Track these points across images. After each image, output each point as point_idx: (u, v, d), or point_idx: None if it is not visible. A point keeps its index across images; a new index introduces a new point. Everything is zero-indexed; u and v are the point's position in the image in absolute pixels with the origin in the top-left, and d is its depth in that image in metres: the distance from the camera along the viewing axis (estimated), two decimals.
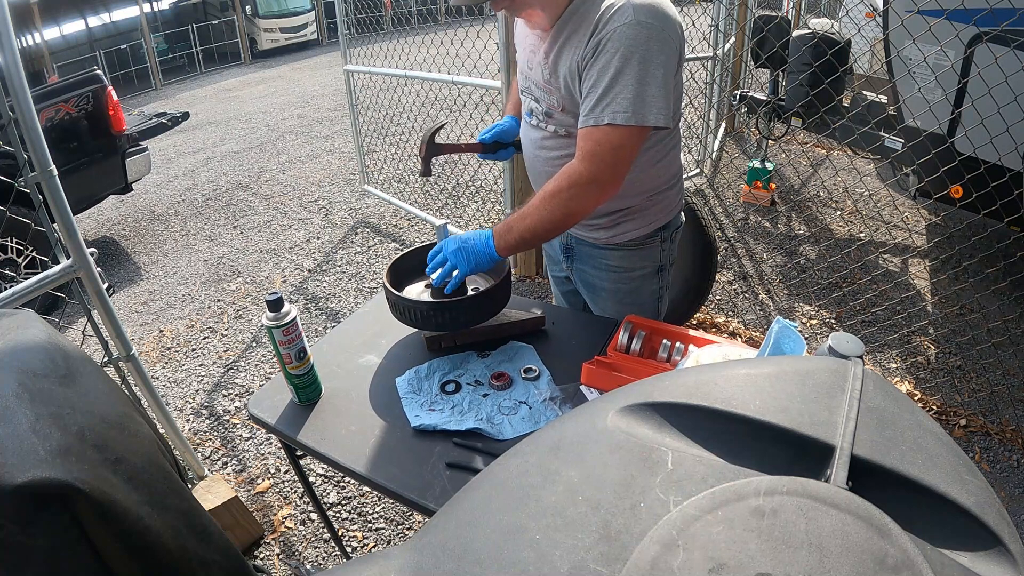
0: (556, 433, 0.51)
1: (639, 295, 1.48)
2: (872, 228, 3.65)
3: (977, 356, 2.51)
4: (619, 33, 1.07)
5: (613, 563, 0.38)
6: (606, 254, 1.44)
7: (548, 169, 1.33)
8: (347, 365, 1.34)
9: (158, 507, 0.94)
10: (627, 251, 1.42)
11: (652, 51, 1.07)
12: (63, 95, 3.61)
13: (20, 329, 1.03)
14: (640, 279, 1.46)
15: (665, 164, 1.33)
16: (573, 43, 1.15)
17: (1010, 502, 1.95)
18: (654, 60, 1.07)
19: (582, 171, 1.14)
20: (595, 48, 1.10)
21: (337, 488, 2.12)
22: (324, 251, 3.93)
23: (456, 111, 4.75)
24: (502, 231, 1.22)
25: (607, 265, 1.45)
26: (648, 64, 1.07)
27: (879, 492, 0.39)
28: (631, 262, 1.43)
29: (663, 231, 1.42)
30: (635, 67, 1.07)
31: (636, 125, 1.09)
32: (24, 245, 3.21)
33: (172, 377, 2.83)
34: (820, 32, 3.23)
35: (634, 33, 1.06)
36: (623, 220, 1.37)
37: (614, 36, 1.07)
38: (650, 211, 1.37)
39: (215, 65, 13.45)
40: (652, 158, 1.29)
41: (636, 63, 1.07)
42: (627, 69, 1.07)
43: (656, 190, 1.35)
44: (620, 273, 1.45)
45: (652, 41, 1.07)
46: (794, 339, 0.99)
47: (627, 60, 1.07)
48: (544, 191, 1.18)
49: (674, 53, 1.11)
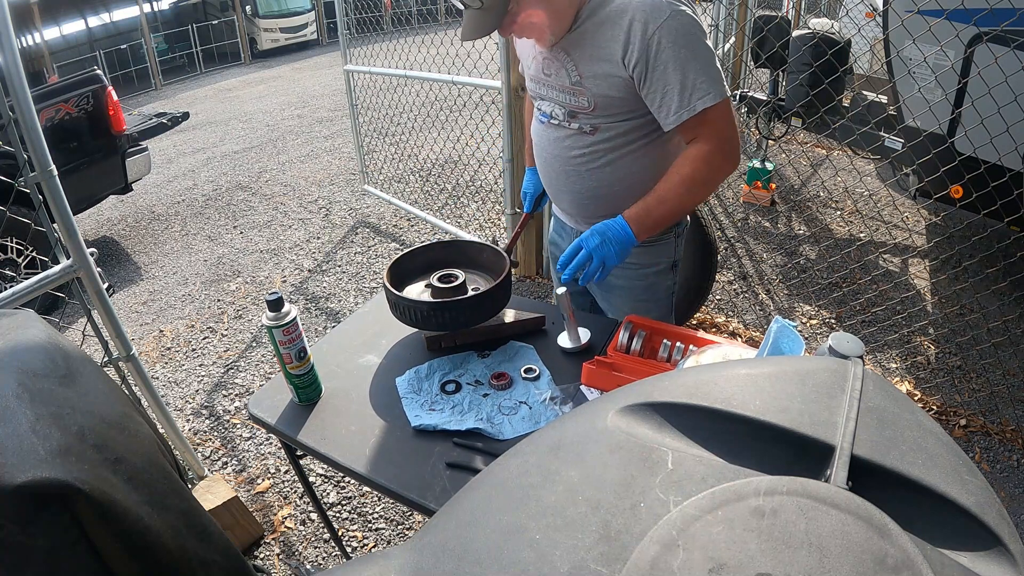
0: (556, 433, 0.51)
1: (655, 291, 1.49)
2: (872, 228, 3.65)
3: (977, 356, 2.51)
4: (666, 28, 1.12)
5: (613, 563, 0.38)
6: None
7: (567, 168, 1.35)
8: (347, 365, 1.34)
9: (158, 507, 0.94)
10: (643, 248, 1.42)
11: (702, 33, 1.15)
12: (63, 95, 3.61)
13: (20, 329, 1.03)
14: (655, 275, 1.47)
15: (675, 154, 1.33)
16: (600, 43, 1.18)
17: (1010, 502, 1.95)
18: (705, 40, 1.16)
19: (712, 149, 1.20)
20: (647, 51, 1.14)
21: (337, 488, 2.12)
22: (324, 251, 3.93)
23: (456, 111, 4.75)
24: (639, 215, 1.25)
25: (624, 262, 1.45)
26: (700, 44, 1.15)
27: (879, 492, 0.39)
28: (647, 259, 1.44)
29: (677, 227, 1.44)
30: (695, 52, 1.14)
31: (722, 99, 1.17)
32: (24, 245, 3.20)
33: (172, 377, 2.83)
34: (820, 32, 3.24)
35: (678, 24, 1.12)
36: None
37: (663, 33, 1.12)
38: None
39: (215, 65, 13.45)
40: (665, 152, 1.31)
41: (693, 48, 1.14)
42: (690, 57, 1.14)
43: None
44: (636, 270, 1.46)
45: (695, 25, 1.14)
46: (793, 339, 0.99)
47: (687, 48, 1.13)
48: (681, 175, 1.23)
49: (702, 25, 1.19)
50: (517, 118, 2.85)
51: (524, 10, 1.17)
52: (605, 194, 1.36)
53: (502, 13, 1.16)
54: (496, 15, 1.16)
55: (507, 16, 1.18)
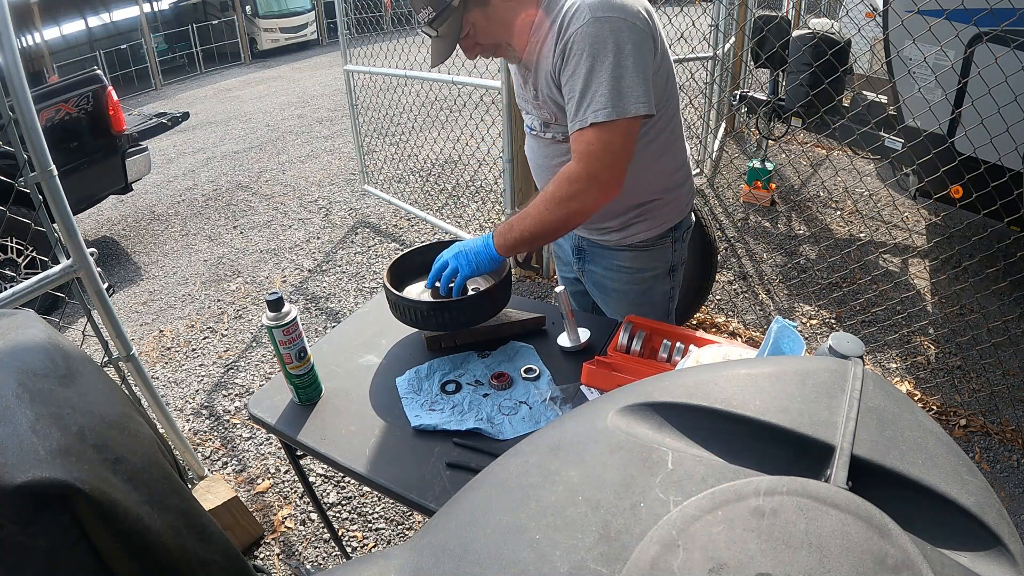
0: (556, 433, 0.51)
1: (651, 296, 1.48)
2: (872, 228, 3.65)
3: (977, 356, 2.51)
4: (581, 34, 1.08)
5: (613, 563, 0.38)
6: (617, 255, 1.44)
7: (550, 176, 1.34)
8: (347, 365, 1.34)
9: (158, 507, 0.94)
10: (639, 252, 1.42)
11: (620, 42, 1.07)
12: (63, 95, 3.61)
13: (20, 329, 1.03)
14: (652, 280, 1.46)
15: (668, 159, 1.33)
16: (544, 55, 1.19)
17: (1010, 502, 1.95)
18: (623, 51, 1.07)
19: (579, 171, 1.14)
20: (563, 55, 1.13)
21: (337, 488, 2.12)
22: (324, 251, 3.93)
23: (456, 111, 4.75)
24: (503, 231, 1.24)
25: (618, 266, 1.45)
26: (618, 56, 1.07)
27: (879, 492, 0.39)
28: (643, 263, 1.43)
29: (674, 231, 1.42)
30: (604, 63, 1.07)
31: (619, 118, 1.09)
32: (24, 245, 3.21)
33: (172, 377, 2.83)
34: (820, 32, 3.23)
35: (595, 31, 1.07)
36: (634, 221, 1.37)
37: (577, 38, 1.09)
38: (660, 212, 1.37)
39: (215, 65, 13.46)
40: (653, 153, 1.29)
41: (604, 59, 1.07)
42: (597, 67, 1.08)
43: (665, 189, 1.35)
44: (632, 274, 1.45)
45: (616, 33, 1.07)
46: (793, 339, 0.99)
47: (595, 58, 1.08)
48: (545, 192, 1.20)
49: (644, 39, 1.10)
50: (517, 118, 2.85)
51: (479, 31, 1.21)
52: None
53: (456, 38, 1.21)
54: (452, 40, 1.21)
55: (466, 39, 1.23)
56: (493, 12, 1.19)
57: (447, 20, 1.18)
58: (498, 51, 1.27)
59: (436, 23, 1.19)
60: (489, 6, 1.18)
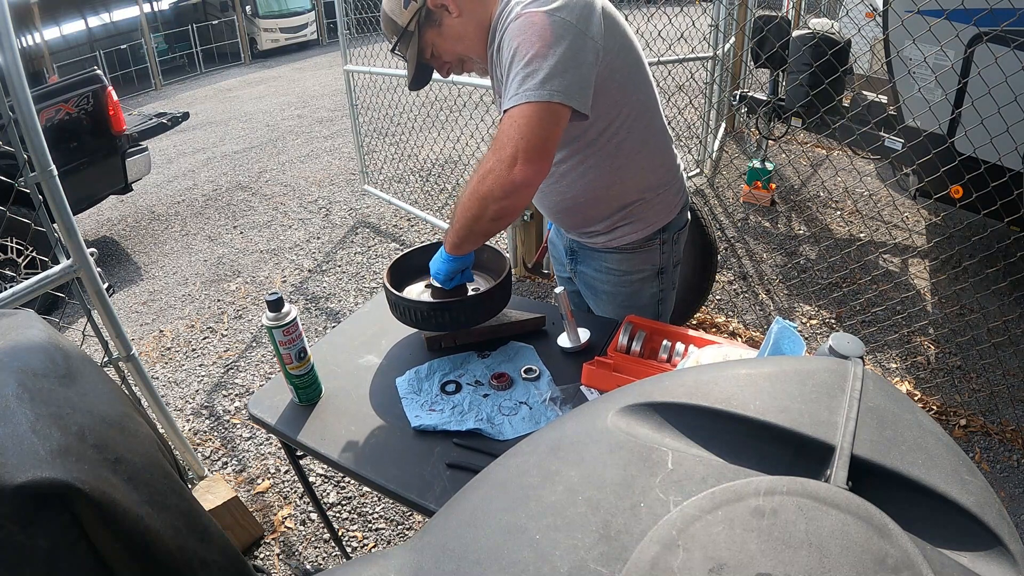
0: (556, 433, 0.51)
1: (638, 298, 1.48)
2: (872, 228, 3.65)
3: (977, 356, 2.51)
4: (510, 28, 1.10)
5: (613, 563, 0.38)
6: (606, 257, 1.44)
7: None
8: (347, 365, 1.34)
9: (158, 507, 0.94)
10: (626, 254, 1.42)
11: (542, 34, 1.05)
12: (63, 95, 3.61)
13: (20, 329, 1.03)
14: (639, 282, 1.45)
15: (646, 157, 1.31)
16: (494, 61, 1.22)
17: (1010, 502, 1.95)
18: (541, 40, 1.05)
19: (488, 155, 1.11)
20: (498, 52, 1.15)
21: (337, 488, 2.12)
22: (324, 251, 3.93)
23: (456, 111, 4.75)
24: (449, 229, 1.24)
25: (606, 268, 1.45)
26: (535, 45, 1.05)
27: (879, 492, 0.39)
28: (630, 265, 1.43)
29: (662, 233, 1.41)
30: (524, 52, 1.06)
31: (527, 103, 1.05)
32: (24, 245, 3.20)
33: (172, 377, 2.83)
34: (820, 32, 3.24)
35: (521, 24, 1.07)
36: (620, 224, 1.37)
37: (505, 33, 1.11)
38: (646, 213, 1.36)
39: (215, 65, 13.46)
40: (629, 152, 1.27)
41: (524, 49, 1.06)
42: (518, 58, 1.07)
43: (648, 187, 1.34)
44: (619, 276, 1.45)
45: (539, 25, 1.05)
46: (793, 339, 0.99)
47: (517, 49, 1.07)
48: (468, 186, 1.17)
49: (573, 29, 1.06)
50: None
51: (440, 50, 1.26)
52: (570, 207, 1.37)
53: (417, 61, 1.26)
54: (417, 63, 1.27)
55: (434, 60, 1.28)
56: (447, 30, 1.23)
57: (408, 44, 1.24)
58: (465, 65, 1.30)
59: (399, 48, 1.25)
60: (442, 25, 1.22)
